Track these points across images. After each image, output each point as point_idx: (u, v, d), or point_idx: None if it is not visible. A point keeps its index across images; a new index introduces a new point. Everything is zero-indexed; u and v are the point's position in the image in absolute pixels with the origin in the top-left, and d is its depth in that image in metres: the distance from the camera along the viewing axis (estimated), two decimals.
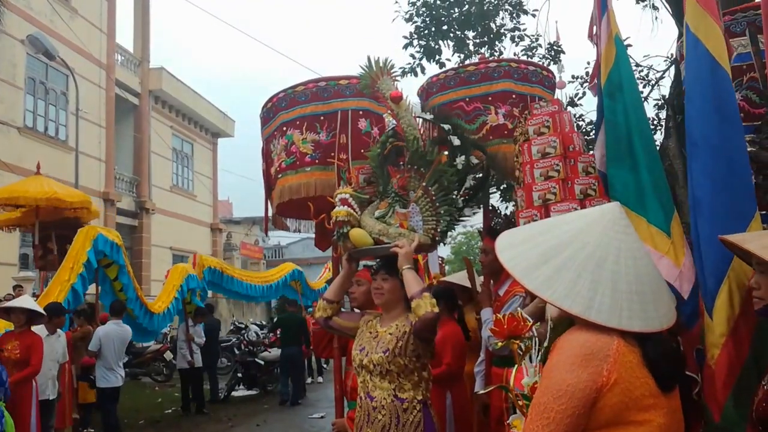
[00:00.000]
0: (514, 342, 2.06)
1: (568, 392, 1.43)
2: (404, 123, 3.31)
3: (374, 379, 3.02)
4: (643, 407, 1.46)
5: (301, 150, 3.98)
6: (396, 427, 2.91)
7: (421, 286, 2.94)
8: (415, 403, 2.94)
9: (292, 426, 9.38)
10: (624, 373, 1.45)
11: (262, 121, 4.39)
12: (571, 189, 2.96)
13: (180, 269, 11.05)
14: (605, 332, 1.50)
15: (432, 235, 3.17)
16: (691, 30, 2.19)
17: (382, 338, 3.05)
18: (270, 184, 4.29)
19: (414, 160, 3.26)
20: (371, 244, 3.21)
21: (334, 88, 3.98)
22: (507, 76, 4.11)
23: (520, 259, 1.59)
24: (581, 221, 1.63)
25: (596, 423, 1.45)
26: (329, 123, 3.95)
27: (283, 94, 4.13)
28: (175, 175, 22.64)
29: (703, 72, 2.14)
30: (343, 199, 3.31)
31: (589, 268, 1.53)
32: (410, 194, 3.24)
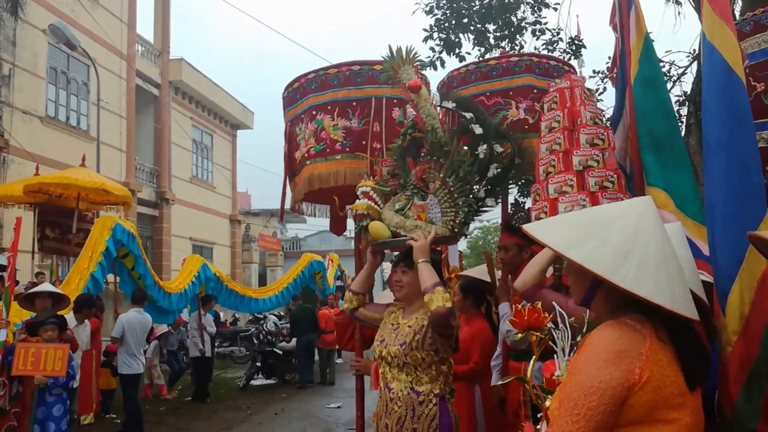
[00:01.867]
0: (534, 333, 2.07)
1: (600, 389, 1.42)
2: (423, 113, 3.29)
3: (392, 370, 3.05)
4: (673, 406, 1.46)
5: (331, 137, 3.84)
6: (411, 420, 2.93)
7: (435, 280, 2.93)
8: (431, 396, 2.95)
9: (309, 415, 9.48)
10: (656, 371, 1.45)
11: (287, 102, 4.20)
12: (569, 161, 2.95)
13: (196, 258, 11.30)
14: (638, 330, 1.50)
15: (451, 226, 3.15)
16: (707, 38, 2.25)
17: (402, 331, 3.07)
18: (293, 169, 4.15)
19: (433, 150, 3.24)
20: (389, 236, 3.21)
21: (368, 73, 3.83)
22: (528, 70, 4.09)
23: (598, 257, 1.54)
24: (631, 217, 1.62)
25: (625, 420, 1.44)
26: (362, 109, 3.81)
27: (314, 76, 3.95)
28: (194, 166, 22.81)
29: (718, 78, 2.19)
30: (365, 192, 3.33)
31: (661, 262, 1.54)
32: (429, 186, 3.22)
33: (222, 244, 24.15)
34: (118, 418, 8.45)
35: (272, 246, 28.90)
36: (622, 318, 1.54)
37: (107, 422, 8.50)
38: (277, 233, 30.55)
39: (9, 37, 13.78)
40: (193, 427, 8.59)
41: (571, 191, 3.08)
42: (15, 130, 13.72)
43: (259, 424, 8.81)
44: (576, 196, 3.01)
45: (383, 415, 3.05)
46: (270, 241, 28.76)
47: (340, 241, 26.90)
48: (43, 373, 5.20)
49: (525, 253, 3.93)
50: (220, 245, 23.96)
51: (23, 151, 13.52)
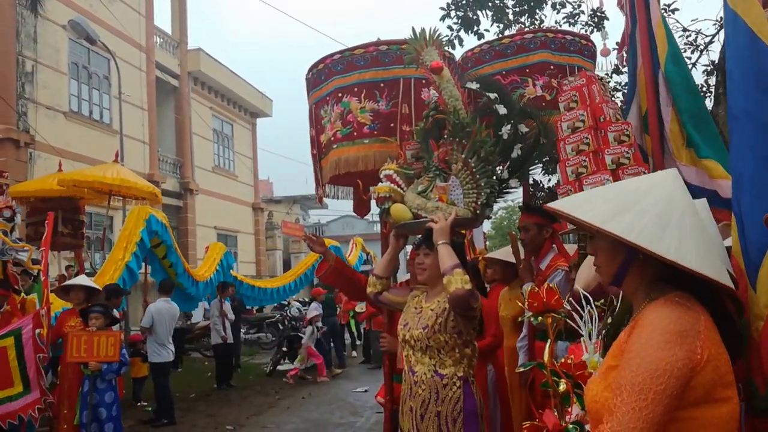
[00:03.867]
0: (549, 315, 2.04)
1: (667, 371, 1.37)
2: (446, 94, 3.26)
3: (416, 354, 3.05)
4: (727, 383, 1.44)
5: (359, 120, 3.73)
6: (435, 403, 2.94)
7: (454, 261, 2.90)
8: (455, 379, 2.95)
9: (336, 399, 9.58)
10: (713, 349, 1.42)
11: (311, 84, 4.09)
12: (602, 160, 2.91)
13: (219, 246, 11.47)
14: (690, 308, 1.47)
15: (473, 208, 3.12)
16: (730, 5, 2.17)
17: (425, 314, 3.07)
18: (320, 152, 4.07)
19: (455, 132, 3.21)
20: (410, 219, 3.20)
21: (396, 53, 3.69)
22: (544, 46, 4.01)
23: (639, 229, 1.50)
24: (664, 188, 1.59)
25: (686, 402, 1.40)
26: (389, 91, 3.70)
27: (339, 56, 3.83)
28: (216, 156, 22.99)
29: (742, 46, 2.11)
30: (387, 175, 3.32)
31: (698, 234, 1.51)
32: (451, 167, 3.20)
33: (246, 232, 24.37)
34: (149, 405, 8.61)
35: (295, 232, 29.09)
36: (669, 296, 1.50)
37: (139, 410, 8.66)
38: (299, 220, 30.72)
39: (30, 34, 13.96)
40: (224, 412, 8.72)
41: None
42: (40, 126, 13.95)
43: (287, 409, 8.92)
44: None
45: (408, 398, 3.06)
46: (293, 227, 28.95)
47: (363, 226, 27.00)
48: (97, 359, 5.35)
49: (546, 232, 3.90)
50: (244, 233, 24.18)
51: (49, 146, 13.73)
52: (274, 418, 8.41)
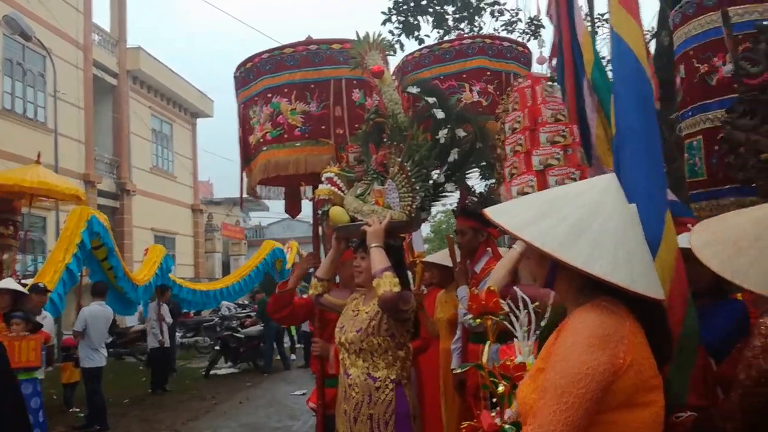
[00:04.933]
0: (488, 318, 2.08)
1: (588, 375, 1.37)
2: (386, 98, 3.28)
3: (351, 357, 3.07)
4: (650, 388, 1.45)
5: (289, 122, 3.66)
6: (368, 405, 2.96)
7: (384, 264, 2.93)
8: (387, 382, 2.98)
9: (274, 402, 9.50)
10: (637, 354, 1.43)
11: (239, 83, 4.00)
12: (530, 161, 2.95)
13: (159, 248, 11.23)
14: (616, 312, 1.47)
15: (408, 211, 3.15)
16: (615, 30, 2.31)
17: (360, 317, 3.09)
18: (248, 154, 3.99)
19: (393, 135, 3.24)
20: (348, 221, 3.22)
21: (326, 53, 3.65)
22: (481, 52, 4.10)
23: (551, 236, 1.49)
24: (593, 192, 1.58)
25: (608, 406, 1.40)
26: (320, 92, 3.63)
27: (268, 56, 3.75)
28: (155, 156, 22.41)
29: (627, 68, 2.26)
30: (329, 177, 3.33)
31: (619, 240, 1.49)
32: (389, 171, 3.23)
33: (184, 234, 23.84)
34: (81, 411, 8.32)
35: (235, 235, 28.65)
36: (596, 301, 1.51)
37: (70, 416, 8.36)
38: (239, 222, 30.25)
39: None
40: (159, 418, 8.51)
41: (532, 192, 3.02)
42: None
43: (224, 413, 8.78)
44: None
45: (342, 401, 3.08)
46: (233, 230, 28.50)
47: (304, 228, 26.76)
48: (18, 365, 5.16)
49: (481, 236, 3.98)
50: (183, 235, 23.65)
51: None
52: (210, 422, 8.28)
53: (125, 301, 10.11)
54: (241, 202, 4.41)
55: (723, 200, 3.62)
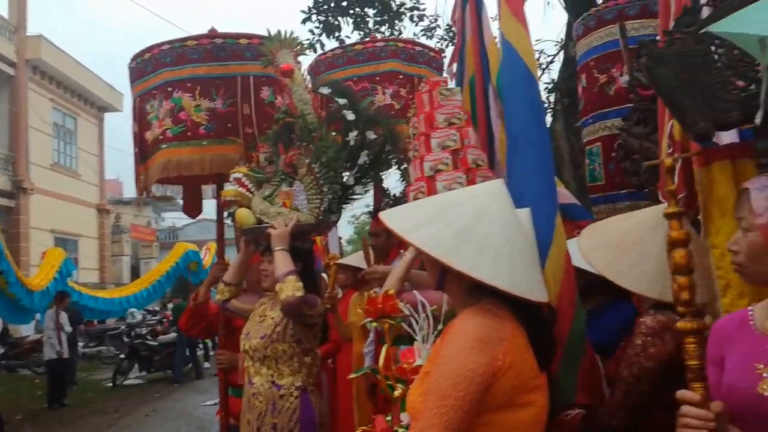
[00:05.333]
0: (385, 321, 2.07)
1: (467, 378, 1.40)
2: (296, 98, 3.23)
3: (255, 364, 3.00)
4: (530, 388, 1.48)
5: (193, 119, 3.49)
6: (272, 414, 2.89)
7: (288, 268, 2.89)
8: (292, 389, 2.92)
9: (183, 414, 9.17)
10: (516, 355, 1.47)
11: (135, 74, 3.77)
12: (422, 166, 2.93)
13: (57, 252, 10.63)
14: (498, 315, 1.51)
15: (316, 214, 3.12)
16: (506, 37, 2.38)
17: (266, 323, 3.02)
18: (144, 151, 3.77)
19: (303, 136, 3.19)
20: (254, 224, 3.15)
21: (232, 48, 3.51)
22: (394, 56, 4.12)
23: (437, 241, 1.52)
24: (480, 198, 1.62)
25: (488, 407, 1.43)
26: (226, 89, 3.49)
27: (169, 47, 3.57)
28: (56, 152, 21.13)
29: (518, 74, 2.32)
30: (236, 178, 3.24)
31: (501, 245, 1.54)
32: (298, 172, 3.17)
33: (89, 236, 22.63)
34: None
35: (146, 237, 27.53)
36: (481, 303, 1.54)
37: None
38: (151, 223, 29.14)
39: None
40: None
41: (423, 198, 2.97)
42: None
43: (128, 427, 8.42)
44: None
45: (246, 411, 2.99)
46: (143, 231, 27.37)
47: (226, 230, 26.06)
48: None
49: (394, 239, 3.99)
50: (87, 237, 22.45)
51: None
52: None
53: (19, 309, 9.48)
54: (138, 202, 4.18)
55: (619, 204, 3.79)
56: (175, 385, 11.86)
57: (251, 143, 3.50)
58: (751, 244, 1.40)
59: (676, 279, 1.43)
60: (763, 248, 1.37)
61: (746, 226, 1.41)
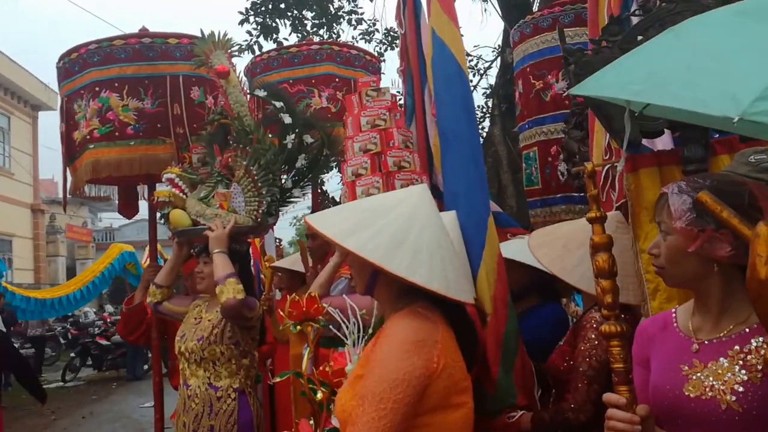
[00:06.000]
0: (308, 324, 2.07)
1: (404, 381, 1.41)
2: (232, 99, 3.21)
3: (191, 366, 2.97)
4: (461, 390, 1.51)
5: (121, 118, 3.46)
6: (209, 416, 2.87)
7: (228, 271, 2.88)
8: (230, 391, 2.91)
9: (121, 416, 8.95)
10: (449, 357, 1.48)
11: (63, 74, 3.73)
12: (345, 171, 2.94)
13: None
14: (430, 318, 1.52)
15: (254, 216, 3.11)
16: (437, 34, 2.36)
17: (202, 325, 2.99)
18: (72, 152, 3.72)
19: (239, 138, 3.17)
20: (189, 225, 3.12)
21: (161, 47, 3.49)
22: (330, 59, 4.13)
23: (373, 246, 1.52)
24: (407, 204, 1.63)
25: (423, 409, 1.45)
26: (155, 88, 3.47)
27: (95, 47, 3.52)
28: None
29: (450, 73, 2.30)
30: (169, 179, 3.20)
31: (434, 249, 1.55)
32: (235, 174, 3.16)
33: (22, 236, 21.74)
34: None
35: (82, 237, 26.60)
36: (412, 306, 1.55)
37: None
38: (87, 223, 28.18)
39: None
40: None
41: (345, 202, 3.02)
42: None
43: (63, 430, 8.17)
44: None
45: (181, 413, 2.96)
46: (79, 231, 26.44)
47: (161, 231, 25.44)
48: None
49: None
50: (21, 237, 21.56)
51: None
52: None
53: None
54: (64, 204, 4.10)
55: (555, 207, 3.90)
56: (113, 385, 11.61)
57: (183, 144, 3.48)
58: (670, 246, 1.42)
59: (599, 282, 1.45)
60: (681, 251, 1.39)
61: (665, 229, 1.43)
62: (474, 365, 1.66)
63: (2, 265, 11.05)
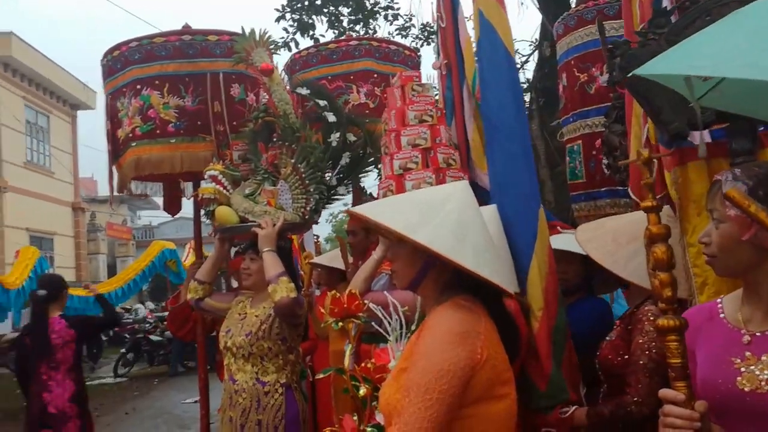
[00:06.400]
0: (350, 321, 2.06)
1: (450, 371, 1.41)
2: (276, 97, 3.22)
3: (238, 361, 2.99)
4: (504, 381, 1.51)
5: (162, 116, 3.47)
6: (256, 411, 2.90)
7: (279, 269, 2.90)
8: (277, 386, 2.94)
9: (163, 412, 9.09)
10: (492, 349, 1.49)
11: (107, 72, 3.75)
12: (392, 164, 2.90)
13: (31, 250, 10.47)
14: (473, 310, 1.53)
15: (301, 213, 3.12)
16: (485, 16, 2.27)
17: (249, 320, 3.02)
18: (116, 149, 3.75)
19: (285, 136, 3.18)
20: (237, 222, 3.13)
21: (201, 44, 3.48)
22: (368, 54, 4.11)
23: (441, 240, 1.53)
24: (458, 197, 1.64)
25: (467, 400, 1.45)
26: (195, 86, 3.46)
27: (137, 44, 3.53)
28: (29, 150, 20.72)
29: (499, 59, 2.22)
30: (213, 176, 3.21)
31: (487, 243, 1.59)
32: (281, 171, 3.17)
33: (64, 235, 22.30)
34: None
35: (122, 235, 27.17)
36: (454, 299, 1.56)
37: None
38: (127, 221, 28.76)
39: None
40: None
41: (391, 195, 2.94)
42: None
43: (107, 426, 8.29)
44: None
45: (227, 408, 2.99)
46: (119, 229, 27.01)
47: None
48: None
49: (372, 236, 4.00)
50: (62, 236, 22.12)
51: None
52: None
53: None
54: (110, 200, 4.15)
55: (600, 201, 3.85)
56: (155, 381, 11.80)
57: (223, 141, 3.48)
58: (722, 235, 1.39)
59: (657, 275, 1.40)
60: (734, 239, 1.36)
61: (718, 217, 1.41)
62: (515, 359, 1.66)
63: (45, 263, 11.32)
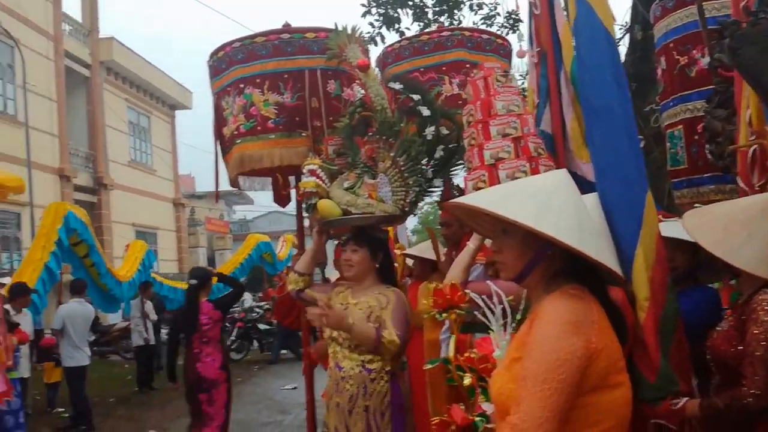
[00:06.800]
0: (453, 312, 2.08)
1: (567, 360, 1.40)
2: (372, 92, 3.26)
3: (343, 350, 3.08)
4: (619, 369, 1.50)
5: (262, 113, 3.57)
6: (363, 397, 2.99)
7: (371, 334, 2.96)
8: (383, 373, 3.01)
9: (263, 398, 9.47)
10: (606, 337, 1.48)
11: (213, 72, 3.88)
12: (482, 154, 2.84)
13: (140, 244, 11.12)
14: (584, 299, 1.52)
15: (401, 205, 3.17)
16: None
17: (352, 312, 3.08)
18: (223, 146, 3.92)
19: (382, 130, 3.22)
20: (339, 215, 3.20)
21: (299, 42, 3.55)
22: (460, 45, 4.07)
23: (566, 231, 1.50)
24: (564, 188, 1.62)
25: (583, 389, 1.44)
26: (294, 83, 3.53)
27: (239, 45, 3.63)
28: (132, 149, 22.06)
29: (598, 39, 2.12)
30: (312, 170, 3.29)
31: (600, 231, 1.63)
32: (379, 165, 3.22)
33: (166, 229, 23.59)
34: (66, 412, 8.25)
35: (220, 229, 28.39)
36: (563, 288, 1.54)
37: (54, 417, 8.29)
38: (224, 216, 29.99)
39: None
40: (145, 417, 8.46)
41: (485, 187, 2.86)
42: None
43: None
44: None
45: (334, 394, 3.09)
46: (217, 224, 28.25)
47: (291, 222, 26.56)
48: None
49: (466, 227, 4.01)
50: (165, 230, 23.41)
51: None
52: None
53: (109, 298, 10.03)
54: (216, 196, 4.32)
55: (703, 188, 3.69)
56: (255, 368, 12.31)
57: (319, 136, 3.56)
58: None
59: None
60: None
61: None
62: (624, 347, 1.61)
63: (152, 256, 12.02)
